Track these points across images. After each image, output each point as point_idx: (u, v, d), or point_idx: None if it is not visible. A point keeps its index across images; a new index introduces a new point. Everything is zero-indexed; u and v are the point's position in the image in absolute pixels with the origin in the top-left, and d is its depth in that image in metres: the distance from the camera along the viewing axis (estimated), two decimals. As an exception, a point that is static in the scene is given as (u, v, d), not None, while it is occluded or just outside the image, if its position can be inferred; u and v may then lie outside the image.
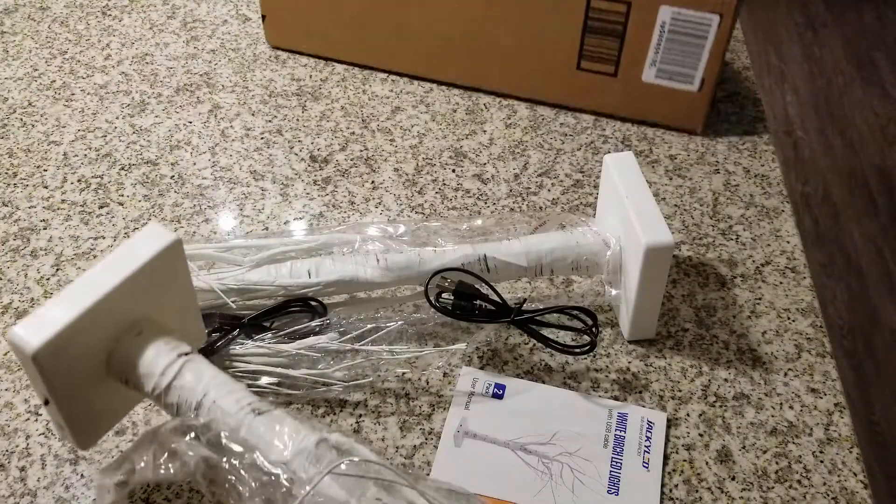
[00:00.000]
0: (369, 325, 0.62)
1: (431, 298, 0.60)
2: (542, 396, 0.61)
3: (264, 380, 0.58)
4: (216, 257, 0.63)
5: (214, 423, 0.47)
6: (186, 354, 0.50)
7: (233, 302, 0.60)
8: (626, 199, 0.60)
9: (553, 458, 0.57)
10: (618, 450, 0.57)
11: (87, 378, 0.49)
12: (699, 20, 0.73)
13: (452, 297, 0.60)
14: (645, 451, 0.57)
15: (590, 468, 0.56)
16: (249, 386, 0.56)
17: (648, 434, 0.58)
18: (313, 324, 0.60)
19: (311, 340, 0.59)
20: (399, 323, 0.63)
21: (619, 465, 0.56)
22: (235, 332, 0.58)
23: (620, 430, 0.58)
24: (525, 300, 0.62)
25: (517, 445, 0.57)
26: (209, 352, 0.57)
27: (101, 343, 0.49)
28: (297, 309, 0.61)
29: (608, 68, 0.80)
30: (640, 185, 0.61)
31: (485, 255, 0.62)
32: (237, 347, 0.58)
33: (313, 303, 0.61)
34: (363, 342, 0.60)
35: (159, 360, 0.49)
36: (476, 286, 0.61)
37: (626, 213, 0.59)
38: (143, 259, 0.49)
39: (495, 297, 0.61)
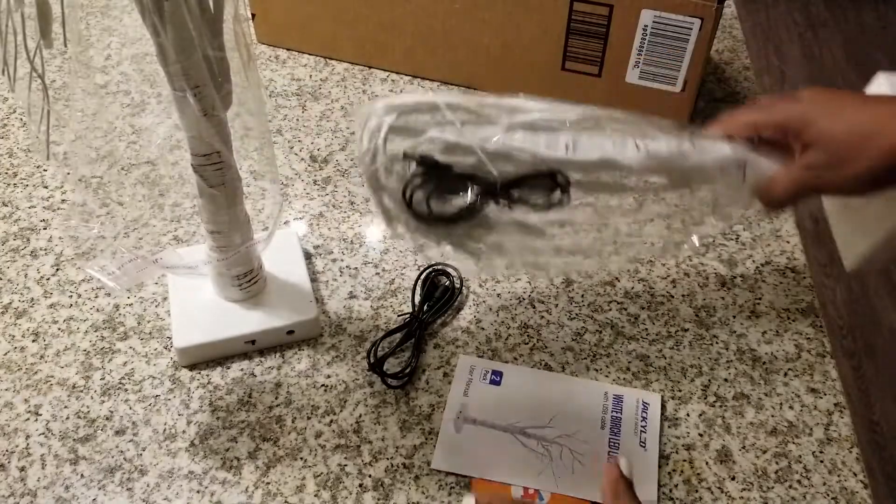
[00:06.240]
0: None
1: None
2: (538, 381, 0.61)
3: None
4: (476, 111, 0.54)
5: None
6: None
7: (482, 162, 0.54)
8: None
9: (552, 440, 0.57)
10: (615, 431, 0.58)
11: None
12: (680, 23, 0.74)
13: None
14: (641, 430, 0.58)
15: (588, 449, 0.57)
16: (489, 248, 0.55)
17: (644, 415, 0.59)
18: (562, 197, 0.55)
19: (558, 215, 0.55)
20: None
21: (616, 445, 0.57)
22: (490, 198, 0.55)
23: (617, 412, 0.59)
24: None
25: (516, 429, 0.58)
26: (470, 211, 0.54)
27: None
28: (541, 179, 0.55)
29: (592, 69, 0.81)
30: None
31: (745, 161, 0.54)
32: (489, 211, 0.55)
33: (559, 177, 0.55)
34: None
35: None
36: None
37: None
38: None
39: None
